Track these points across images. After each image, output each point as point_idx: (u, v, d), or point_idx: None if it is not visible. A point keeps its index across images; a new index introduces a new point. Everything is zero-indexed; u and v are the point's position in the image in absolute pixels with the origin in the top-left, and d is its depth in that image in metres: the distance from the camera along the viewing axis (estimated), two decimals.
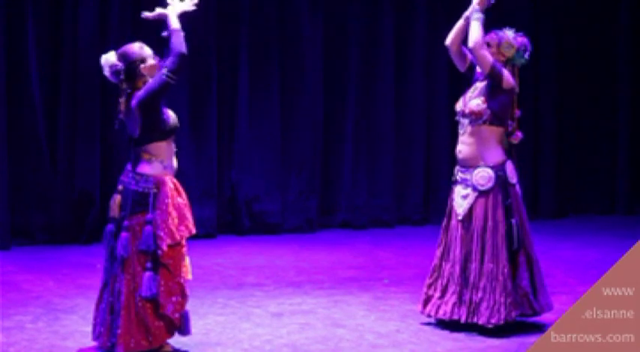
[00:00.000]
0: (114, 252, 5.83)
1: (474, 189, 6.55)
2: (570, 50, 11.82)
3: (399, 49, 11.15)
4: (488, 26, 6.52)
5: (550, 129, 11.83)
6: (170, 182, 5.90)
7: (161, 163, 5.90)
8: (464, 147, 6.64)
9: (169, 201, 5.84)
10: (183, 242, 5.91)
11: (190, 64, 10.12)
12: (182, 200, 5.93)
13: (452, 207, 6.69)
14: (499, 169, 6.55)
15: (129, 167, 5.93)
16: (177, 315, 5.87)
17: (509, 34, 6.64)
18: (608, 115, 12.01)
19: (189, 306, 7.12)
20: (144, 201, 5.82)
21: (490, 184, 6.53)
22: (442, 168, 11.11)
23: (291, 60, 10.66)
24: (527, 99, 11.49)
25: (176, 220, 5.85)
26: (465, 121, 6.62)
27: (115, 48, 10.25)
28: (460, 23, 6.69)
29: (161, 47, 5.94)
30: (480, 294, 6.45)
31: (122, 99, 5.90)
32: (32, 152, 9.66)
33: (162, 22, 5.92)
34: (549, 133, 11.82)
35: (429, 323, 6.75)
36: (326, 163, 10.96)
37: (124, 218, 5.84)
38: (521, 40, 6.65)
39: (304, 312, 7.16)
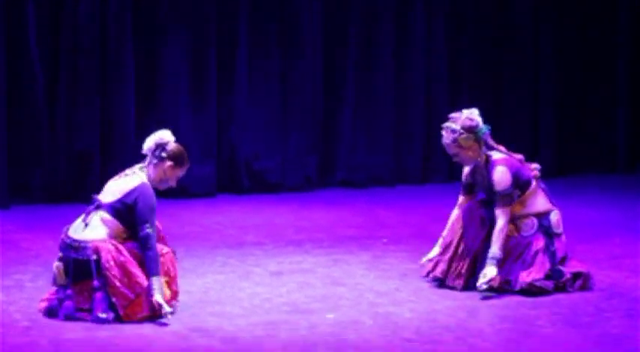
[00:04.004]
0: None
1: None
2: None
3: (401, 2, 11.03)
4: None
5: (549, 90, 11.74)
6: (108, 244, 5.85)
7: (109, 232, 5.91)
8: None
9: (110, 264, 5.79)
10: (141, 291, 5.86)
11: (190, 23, 10.05)
12: (124, 257, 5.85)
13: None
14: (543, 219, 6.61)
15: (69, 231, 5.93)
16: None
17: (452, 131, 6.47)
18: (608, 78, 11.91)
19: (189, 266, 7.12)
20: (87, 269, 5.82)
21: (532, 231, 6.58)
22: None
23: (291, 17, 10.57)
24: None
25: (125, 279, 5.81)
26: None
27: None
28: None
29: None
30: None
31: (136, 168, 6.01)
32: (31, 110, 9.60)
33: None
34: (549, 93, 11.73)
35: (428, 282, 6.75)
36: (325, 121, 10.88)
37: (67, 286, 5.86)
38: (464, 124, 6.47)
39: (304, 271, 7.16)
